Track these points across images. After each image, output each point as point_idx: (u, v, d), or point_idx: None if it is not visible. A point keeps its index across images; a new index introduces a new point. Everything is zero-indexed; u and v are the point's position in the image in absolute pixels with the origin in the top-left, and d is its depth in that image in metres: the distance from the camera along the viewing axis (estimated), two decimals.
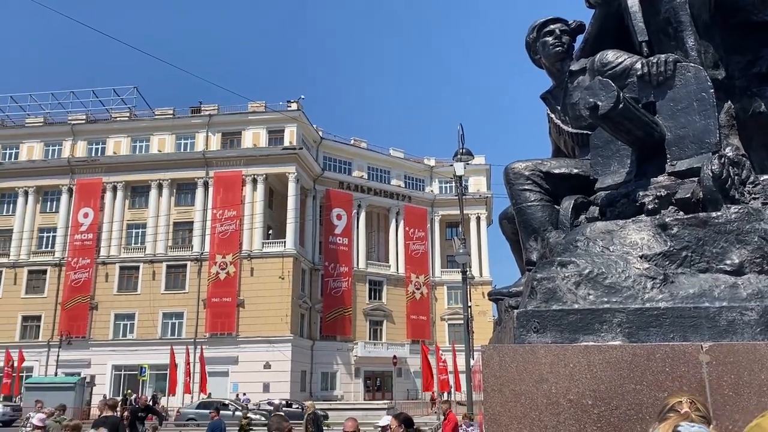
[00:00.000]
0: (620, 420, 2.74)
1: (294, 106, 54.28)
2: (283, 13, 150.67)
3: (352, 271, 56.20)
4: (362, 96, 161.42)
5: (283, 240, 51.03)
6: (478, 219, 61.64)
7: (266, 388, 45.31)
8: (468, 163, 22.36)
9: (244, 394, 43.93)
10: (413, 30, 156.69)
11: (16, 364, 44.05)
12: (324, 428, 16.94)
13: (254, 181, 52.11)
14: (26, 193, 54.15)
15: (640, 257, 3.24)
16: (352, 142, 61.96)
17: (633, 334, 2.97)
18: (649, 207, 3.49)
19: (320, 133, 58.94)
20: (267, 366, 46.76)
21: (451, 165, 26.54)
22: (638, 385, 2.76)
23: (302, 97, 55.98)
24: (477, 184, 62.54)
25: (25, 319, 51.29)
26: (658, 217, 3.42)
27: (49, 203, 54.78)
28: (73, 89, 58.80)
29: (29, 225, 53.40)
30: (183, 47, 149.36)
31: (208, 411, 27.39)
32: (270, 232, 52.53)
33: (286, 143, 52.90)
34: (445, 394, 45.01)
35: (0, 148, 56.02)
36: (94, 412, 24.41)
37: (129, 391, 38.70)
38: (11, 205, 54.80)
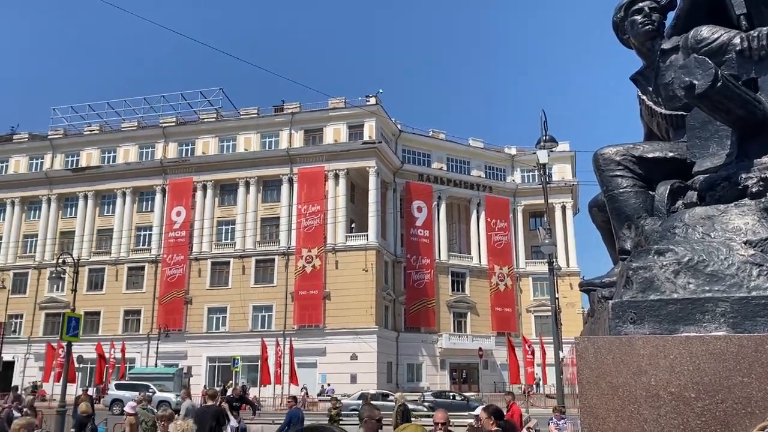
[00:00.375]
0: (726, 414, 2.61)
1: (372, 100, 54.77)
2: (358, 7, 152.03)
3: (434, 263, 56.16)
4: (440, 87, 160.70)
5: (365, 233, 51.68)
6: (564, 208, 60.10)
7: (353, 379, 46.10)
8: (552, 151, 21.83)
9: (329, 384, 44.94)
10: (490, 16, 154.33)
11: (119, 356, 47.00)
12: (413, 419, 17.05)
13: (336, 176, 53.00)
14: (124, 194, 57.49)
15: (744, 243, 3.07)
16: (430, 133, 61.81)
17: (738, 324, 2.82)
18: (753, 190, 3.29)
19: (399, 126, 59.18)
20: (354, 357, 47.56)
21: (534, 153, 25.96)
22: (746, 377, 2.62)
23: (380, 91, 56.70)
24: (561, 172, 60.92)
25: (126, 313, 54.55)
26: (763, 200, 3.22)
27: (144, 203, 57.92)
28: (163, 93, 61.79)
29: (127, 224, 56.70)
30: (264, 47, 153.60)
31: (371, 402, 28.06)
32: (353, 225, 53.33)
33: (366, 138, 53.48)
34: (512, 386, 44.51)
35: (99, 152, 59.73)
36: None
37: (231, 382, 40.35)
38: (111, 205, 58.39)
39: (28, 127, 73.90)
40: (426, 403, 31.72)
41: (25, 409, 17.30)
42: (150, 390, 34.12)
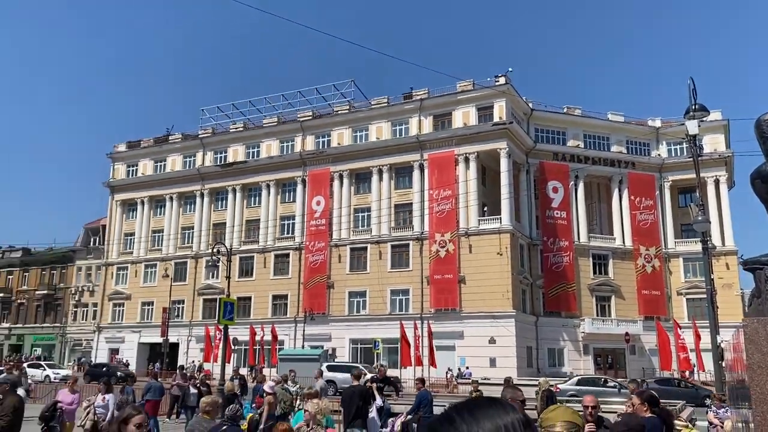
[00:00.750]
0: None
1: (502, 80, 53.53)
2: None
3: (573, 245, 54.17)
4: (573, 61, 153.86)
5: (498, 216, 50.94)
6: (717, 182, 55.41)
7: (493, 363, 45.88)
8: (702, 121, 20.12)
9: (467, 367, 45.00)
10: None
11: (269, 338, 50.02)
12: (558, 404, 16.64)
13: (466, 160, 52.63)
14: (268, 186, 61.04)
15: None
16: (564, 110, 59.38)
17: None
18: None
19: (530, 104, 57.47)
20: (492, 341, 47.27)
21: (682, 124, 24.20)
22: None
23: (510, 70, 54.92)
24: (714, 143, 56.10)
25: (274, 297, 58.00)
26: None
27: (287, 194, 61.11)
28: (299, 89, 64.52)
29: (272, 214, 60.18)
30: (392, 35, 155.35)
31: (587, 387, 28.79)
32: (485, 209, 52.75)
33: (496, 119, 52.54)
34: (662, 372, 42.13)
35: (244, 148, 63.77)
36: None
37: (376, 364, 41.74)
38: (257, 197, 62.23)
39: (181, 128, 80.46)
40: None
41: (198, 384, 19.25)
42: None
